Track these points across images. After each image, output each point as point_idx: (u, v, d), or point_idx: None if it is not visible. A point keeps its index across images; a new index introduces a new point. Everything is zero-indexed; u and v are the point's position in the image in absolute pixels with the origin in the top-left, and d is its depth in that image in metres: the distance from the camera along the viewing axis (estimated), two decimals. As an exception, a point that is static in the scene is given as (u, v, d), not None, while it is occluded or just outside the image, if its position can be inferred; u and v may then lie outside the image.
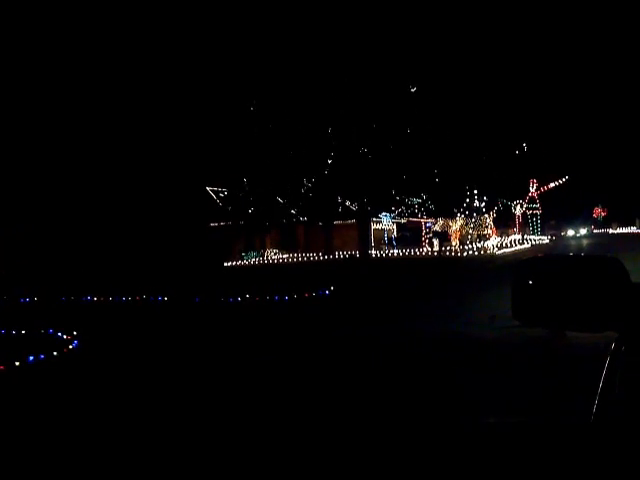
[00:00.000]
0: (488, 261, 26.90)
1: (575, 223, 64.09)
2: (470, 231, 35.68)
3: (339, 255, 34.87)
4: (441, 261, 28.16)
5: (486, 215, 36.11)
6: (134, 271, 26.85)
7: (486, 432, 2.04)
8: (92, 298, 15.55)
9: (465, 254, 32.24)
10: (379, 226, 44.18)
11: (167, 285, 18.70)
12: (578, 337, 5.91)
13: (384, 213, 41.76)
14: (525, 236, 46.19)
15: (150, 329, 10.75)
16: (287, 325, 10.30)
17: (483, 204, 34.71)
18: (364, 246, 30.53)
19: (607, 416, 1.04)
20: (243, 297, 13.92)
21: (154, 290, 16.15)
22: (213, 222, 39.87)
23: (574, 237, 54.51)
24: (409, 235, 43.20)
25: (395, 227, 46.77)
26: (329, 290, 14.38)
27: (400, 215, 40.78)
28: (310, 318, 11.06)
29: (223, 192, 40.58)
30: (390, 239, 43.26)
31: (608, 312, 1.21)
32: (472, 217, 35.25)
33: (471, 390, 5.25)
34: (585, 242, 41.68)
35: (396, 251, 39.03)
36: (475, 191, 34.00)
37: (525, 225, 48.49)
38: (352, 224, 40.53)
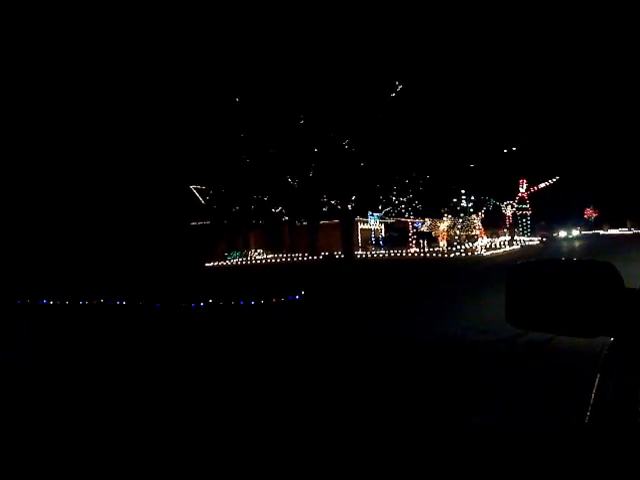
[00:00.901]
0: (475, 263, 26.05)
1: (567, 224, 63.59)
2: (457, 232, 34.81)
3: (324, 255, 33.95)
4: (424, 263, 27.25)
5: (474, 215, 35.24)
6: (109, 272, 25.87)
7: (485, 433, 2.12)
8: (48, 301, 14.52)
9: (452, 255, 31.41)
10: (366, 226, 43.30)
11: (139, 287, 17.70)
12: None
13: (371, 213, 40.88)
14: (515, 237, 45.43)
15: (87, 337, 9.74)
16: (242, 337, 9.32)
17: (471, 204, 33.84)
18: (347, 247, 29.58)
19: (601, 419, 1.05)
20: (206, 302, 12.93)
21: (123, 292, 15.20)
22: (196, 221, 38.79)
23: (566, 238, 53.76)
24: (397, 235, 42.30)
25: (383, 227, 45.91)
26: (299, 295, 13.41)
27: (387, 215, 39.90)
28: (271, 328, 10.09)
29: (207, 190, 39.52)
30: (377, 239, 42.39)
31: (601, 317, 1.22)
32: (459, 217, 34.35)
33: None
34: (577, 244, 40.83)
35: (383, 252, 38.20)
36: (462, 191, 33.11)
37: (515, 226, 47.71)
38: (338, 224, 39.62)
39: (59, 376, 6.84)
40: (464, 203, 33.54)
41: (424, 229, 36.87)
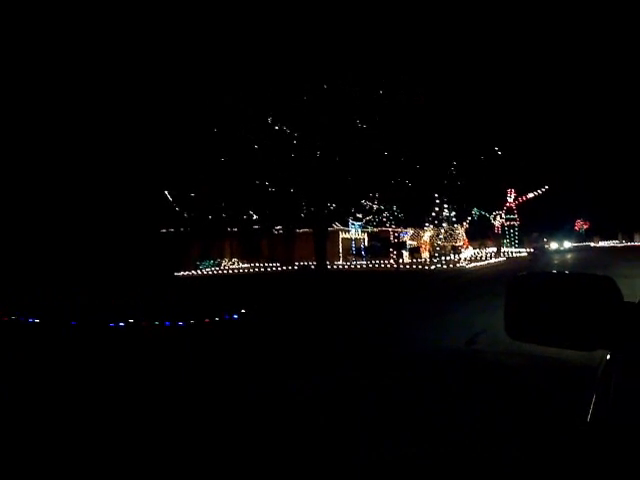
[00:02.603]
0: (454, 276, 24.33)
1: (558, 236, 61.96)
2: (439, 242, 33.07)
3: (298, 266, 32.13)
4: (397, 276, 25.41)
5: (457, 225, 33.52)
6: (67, 282, 23.87)
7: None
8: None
9: (433, 267, 29.66)
10: (348, 235, 41.55)
11: (71, 300, 15.83)
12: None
13: (352, 222, 39.17)
14: (503, 249, 43.76)
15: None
16: (142, 373, 7.49)
17: (453, 213, 32.11)
18: (320, 257, 27.72)
19: (599, 426, 1.06)
20: (127, 321, 11.10)
21: (42, 306, 13.37)
22: (167, 228, 36.84)
23: (557, 251, 51.84)
24: (379, 245, 40.50)
25: (366, 237, 44.15)
26: (238, 314, 11.60)
27: (369, 224, 38.17)
28: (186, 361, 8.25)
29: (181, 195, 37.52)
30: (359, 249, 40.59)
31: (600, 331, 1.22)
32: (441, 227, 32.59)
33: None
34: (569, 257, 38.95)
35: (364, 262, 36.43)
36: (445, 199, 31.38)
37: (503, 237, 46.05)
38: (327, 232, 37.87)
39: None
40: (446, 212, 31.74)
41: (406, 239, 35.09)
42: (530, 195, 45.12)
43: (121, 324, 11.01)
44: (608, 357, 1.25)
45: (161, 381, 6.70)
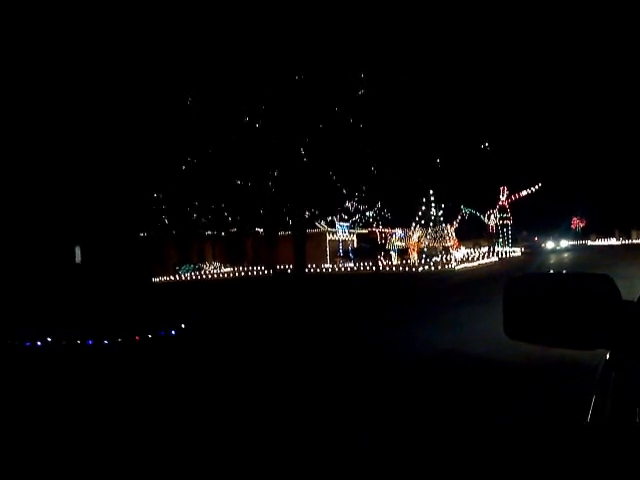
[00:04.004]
0: (441, 279, 22.84)
1: (554, 234, 60.39)
2: (426, 242, 31.53)
3: (276, 271, 30.61)
4: (376, 281, 23.83)
5: (447, 225, 31.99)
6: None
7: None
8: None
9: (420, 269, 28.16)
10: (335, 237, 40.05)
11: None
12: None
13: (339, 223, 37.69)
14: (497, 248, 42.24)
15: None
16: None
17: (441, 212, 30.58)
18: (299, 261, 26.22)
19: (599, 426, 1.06)
20: (45, 339, 9.58)
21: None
22: (145, 231, 35.26)
23: (554, 250, 50.12)
24: (368, 247, 38.95)
25: (355, 238, 42.64)
26: (177, 329, 10.09)
27: (355, 224, 36.71)
28: (90, 391, 6.74)
29: (159, 197, 35.97)
30: (346, 251, 39.05)
31: (599, 330, 1.22)
32: (428, 227, 31.05)
33: None
34: (566, 257, 37.14)
35: (352, 265, 34.93)
36: (432, 197, 29.84)
37: (496, 236, 44.52)
38: (307, 235, 36.35)
39: None
40: (433, 211, 30.21)
41: (394, 240, 33.52)
42: (524, 193, 43.60)
43: (38, 343, 9.50)
44: (607, 357, 1.27)
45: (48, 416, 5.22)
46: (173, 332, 10.04)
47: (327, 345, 9.15)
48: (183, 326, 10.25)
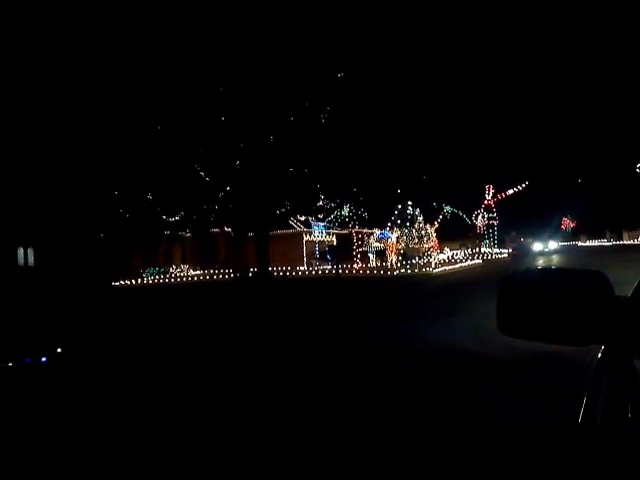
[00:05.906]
0: (415, 283, 20.94)
1: (542, 235, 58.47)
2: (403, 244, 29.63)
3: (238, 274, 28.57)
4: (342, 286, 21.88)
5: (427, 225, 30.10)
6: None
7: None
8: None
9: (396, 272, 26.27)
10: (312, 237, 38.10)
11: None
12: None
13: (315, 222, 35.79)
14: (484, 249, 40.40)
15: None
16: None
17: (418, 211, 28.67)
18: (261, 263, 24.24)
19: (593, 421, 1.07)
20: None
21: None
22: (108, 232, 33.13)
23: (542, 252, 48.00)
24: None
25: (335, 239, 40.69)
26: (49, 356, 8.07)
27: (332, 224, 34.81)
28: None
29: (123, 198, 33.81)
30: (323, 253, 37.05)
31: (593, 325, 1.22)
32: (406, 227, 29.14)
33: None
34: (555, 259, 35.17)
35: (328, 267, 33.00)
36: (410, 195, 27.96)
37: (481, 237, 42.69)
38: (281, 235, 34.38)
39: None
40: (410, 210, 28.31)
41: (372, 241, 31.59)
42: (510, 192, 41.81)
43: None
44: (600, 353, 1.27)
45: None
46: (44, 359, 8.03)
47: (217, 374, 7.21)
48: (59, 350, 8.23)
